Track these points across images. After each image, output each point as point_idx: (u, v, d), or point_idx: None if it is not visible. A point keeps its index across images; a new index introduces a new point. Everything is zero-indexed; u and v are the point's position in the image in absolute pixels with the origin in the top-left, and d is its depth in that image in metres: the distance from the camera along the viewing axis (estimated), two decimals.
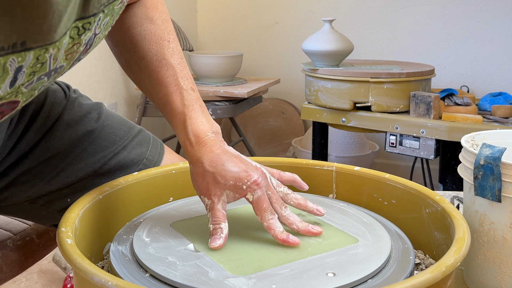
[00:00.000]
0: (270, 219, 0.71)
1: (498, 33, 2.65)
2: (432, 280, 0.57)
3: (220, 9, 3.17)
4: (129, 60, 0.80)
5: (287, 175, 0.78)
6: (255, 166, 0.73)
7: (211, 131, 0.74)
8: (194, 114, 0.75)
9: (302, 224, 0.72)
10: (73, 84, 2.44)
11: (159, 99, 0.77)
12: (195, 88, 0.77)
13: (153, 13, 0.79)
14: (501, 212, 0.77)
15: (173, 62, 0.77)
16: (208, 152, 0.72)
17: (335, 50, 2.20)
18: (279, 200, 0.73)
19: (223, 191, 0.72)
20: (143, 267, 0.66)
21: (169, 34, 0.79)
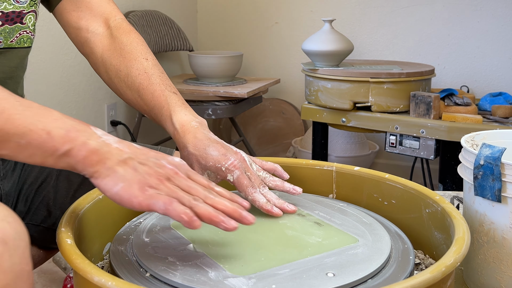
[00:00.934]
0: (253, 192, 0.79)
1: (498, 33, 2.65)
2: (432, 280, 0.57)
3: (220, 9, 3.17)
4: (118, 83, 0.94)
5: (269, 164, 0.86)
6: (234, 151, 0.81)
7: (194, 121, 0.84)
8: (178, 109, 0.86)
9: (278, 201, 0.80)
10: (73, 84, 2.41)
11: (147, 106, 0.90)
12: (177, 93, 0.90)
13: (127, 39, 0.94)
14: (501, 212, 0.77)
15: (153, 74, 0.91)
16: (192, 138, 0.82)
17: (335, 50, 2.20)
18: (257, 180, 0.81)
19: (204, 171, 0.81)
20: (143, 267, 0.66)
21: (146, 54, 0.93)
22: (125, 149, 0.67)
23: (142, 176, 0.65)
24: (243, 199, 0.70)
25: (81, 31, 0.97)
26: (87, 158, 0.64)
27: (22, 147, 0.63)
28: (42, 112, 0.64)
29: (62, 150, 0.63)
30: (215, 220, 0.63)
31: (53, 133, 0.63)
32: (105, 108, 2.43)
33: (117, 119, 2.49)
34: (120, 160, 0.65)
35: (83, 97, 2.29)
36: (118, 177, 0.65)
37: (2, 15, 0.85)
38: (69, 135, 0.64)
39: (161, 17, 2.66)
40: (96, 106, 2.38)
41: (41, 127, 0.63)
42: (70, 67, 2.19)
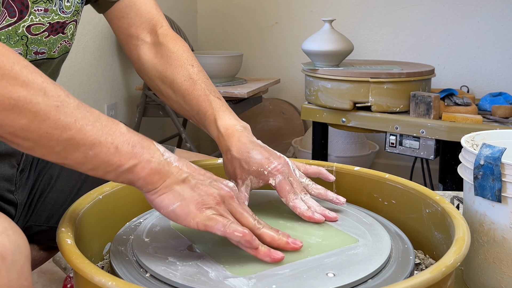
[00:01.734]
0: (295, 199, 0.78)
1: (498, 33, 2.65)
2: (432, 280, 0.57)
3: (220, 9, 3.17)
4: (163, 88, 0.95)
5: (313, 168, 0.85)
6: (278, 156, 0.81)
7: (239, 125, 0.85)
8: (222, 114, 0.86)
9: (320, 208, 0.79)
10: (73, 84, 2.41)
11: (192, 110, 0.91)
12: (221, 98, 0.90)
13: (173, 46, 0.97)
14: (501, 212, 0.77)
15: (198, 80, 0.92)
16: (236, 142, 0.82)
17: (335, 50, 2.20)
18: (299, 186, 0.80)
19: (248, 176, 0.80)
20: (143, 267, 0.66)
21: (192, 61, 0.95)
22: (184, 168, 0.67)
23: (199, 196, 0.65)
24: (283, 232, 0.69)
25: (131, 38, 0.99)
26: (149, 176, 0.64)
27: (88, 158, 0.62)
28: (110, 125, 0.65)
29: (127, 165, 0.64)
30: (261, 253, 0.65)
31: (120, 147, 0.63)
32: (105, 108, 2.43)
33: (117, 119, 2.49)
34: (179, 179, 0.66)
35: (83, 97, 2.29)
36: (175, 195, 0.65)
37: (49, 26, 0.86)
38: (135, 151, 0.64)
39: None
40: (96, 106, 2.38)
41: (110, 141, 0.63)
42: (70, 67, 2.19)
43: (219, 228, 0.64)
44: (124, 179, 0.65)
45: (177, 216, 0.65)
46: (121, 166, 0.63)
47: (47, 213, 0.99)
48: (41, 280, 1.73)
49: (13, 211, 0.92)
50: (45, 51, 0.88)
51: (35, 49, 0.86)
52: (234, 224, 0.64)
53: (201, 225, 0.64)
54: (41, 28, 0.85)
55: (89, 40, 2.28)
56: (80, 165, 0.63)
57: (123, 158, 0.63)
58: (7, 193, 0.91)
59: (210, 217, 0.64)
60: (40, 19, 0.84)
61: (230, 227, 0.64)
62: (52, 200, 0.98)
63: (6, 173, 0.89)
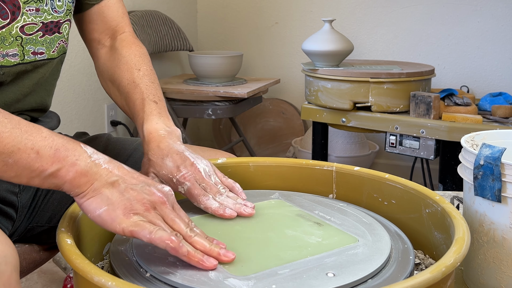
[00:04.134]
0: (205, 200, 0.77)
1: (498, 33, 2.65)
2: (432, 280, 0.57)
3: (220, 9, 3.17)
4: (113, 90, 0.99)
5: (228, 181, 0.83)
6: (191, 163, 0.79)
7: (163, 130, 0.84)
8: (151, 117, 0.86)
9: (235, 206, 0.78)
10: (73, 84, 2.41)
11: (131, 113, 0.92)
12: (158, 102, 0.90)
13: (126, 51, 0.99)
14: (501, 212, 0.77)
15: (140, 84, 0.93)
16: (154, 147, 0.81)
17: (335, 50, 2.20)
18: (213, 188, 0.79)
19: (156, 176, 0.80)
20: (143, 267, 0.66)
21: (140, 65, 0.97)
22: (114, 171, 0.65)
23: (128, 201, 0.64)
24: (219, 242, 0.67)
25: (93, 42, 1.04)
26: (75, 179, 0.63)
27: (8, 166, 0.61)
28: (31, 130, 0.63)
29: (50, 170, 0.62)
30: (193, 260, 0.63)
31: (41, 152, 0.62)
32: (105, 108, 2.43)
33: (117, 119, 2.49)
34: (108, 182, 0.64)
35: (83, 97, 2.29)
36: (103, 199, 0.63)
37: (43, 25, 0.87)
38: (58, 154, 0.62)
39: (161, 17, 2.66)
40: (96, 106, 2.38)
41: (30, 146, 0.62)
42: (70, 67, 2.19)
43: (145, 234, 0.62)
44: (49, 184, 0.63)
45: (103, 221, 0.63)
46: (44, 171, 0.62)
47: (49, 213, 0.99)
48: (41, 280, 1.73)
49: (13, 213, 0.92)
50: (43, 51, 0.88)
51: (32, 49, 0.86)
52: (161, 230, 0.62)
53: (127, 231, 0.63)
54: (35, 28, 0.86)
55: None
56: (3, 173, 0.62)
57: (45, 163, 0.62)
58: (10, 195, 0.90)
59: (137, 223, 0.63)
60: (33, 19, 0.85)
61: (156, 234, 0.62)
62: (56, 201, 0.99)
63: None
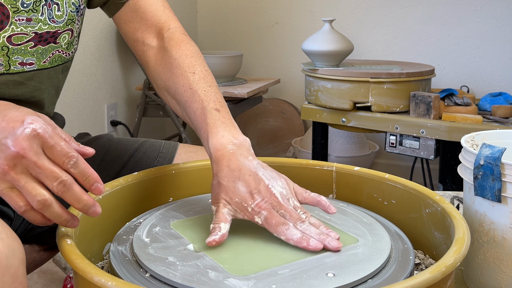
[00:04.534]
0: (285, 229, 0.69)
1: (498, 33, 2.65)
2: (432, 280, 0.57)
3: (220, 9, 3.17)
4: (169, 99, 0.90)
5: (311, 197, 0.75)
6: (265, 185, 0.72)
7: (231, 143, 0.77)
8: (215, 130, 0.78)
9: (319, 237, 0.70)
10: (73, 84, 2.41)
11: (193, 125, 0.84)
12: (220, 109, 0.82)
13: (176, 52, 0.89)
14: (501, 212, 0.77)
15: (198, 90, 0.85)
16: (224, 167, 0.74)
17: (335, 50, 2.20)
18: (293, 215, 0.71)
19: (227, 203, 0.72)
20: (143, 267, 0.66)
21: (194, 67, 0.88)
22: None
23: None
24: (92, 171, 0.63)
25: (138, 43, 0.95)
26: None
27: None
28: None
29: None
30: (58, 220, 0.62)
31: None
32: (105, 108, 2.43)
33: (117, 119, 2.49)
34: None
35: (83, 97, 2.29)
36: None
37: (36, 36, 0.84)
38: None
39: None
40: (96, 106, 2.37)
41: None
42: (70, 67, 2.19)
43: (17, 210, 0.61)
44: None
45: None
46: None
47: None
48: (41, 280, 1.73)
49: (10, 212, 0.92)
50: (33, 62, 0.86)
51: (20, 60, 0.84)
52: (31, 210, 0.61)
53: None
54: (25, 38, 0.83)
55: (89, 40, 2.28)
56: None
57: None
58: None
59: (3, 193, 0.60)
60: (22, 29, 0.82)
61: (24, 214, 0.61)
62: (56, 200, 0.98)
63: None
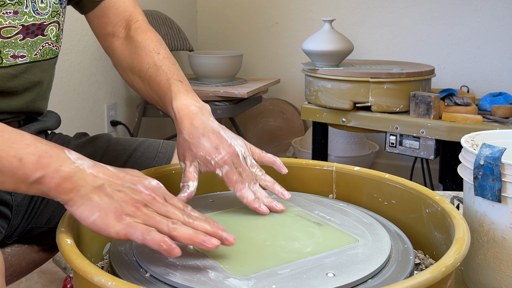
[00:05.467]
0: (242, 188, 0.78)
1: (498, 33, 2.65)
2: (432, 280, 0.57)
3: (220, 9, 3.17)
4: (133, 78, 0.98)
5: (268, 156, 0.85)
6: (228, 144, 0.80)
7: (194, 105, 0.83)
8: (179, 95, 0.86)
9: (267, 199, 0.80)
10: (73, 84, 2.41)
11: (156, 95, 0.92)
12: (183, 81, 0.90)
13: (142, 37, 0.99)
14: (501, 212, 0.77)
15: (162, 66, 0.93)
16: (188, 125, 0.81)
17: (335, 50, 2.20)
18: (249, 176, 0.80)
19: (195, 159, 0.80)
20: (143, 267, 0.66)
21: (158, 49, 0.96)
22: (99, 175, 0.65)
23: (118, 204, 0.63)
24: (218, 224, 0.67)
25: (107, 36, 1.03)
26: (60, 186, 0.62)
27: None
28: (14, 138, 0.63)
29: (34, 177, 0.62)
30: (196, 241, 0.63)
31: (24, 159, 0.62)
32: (105, 108, 2.43)
33: (117, 119, 2.49)
34: (95, 187, 0.63)
35: (83, 97, 2.29)
36: (93, 205, 0.63)
37: (23, 28, 0.86)
38: (41, 161, 0.62)
39: (161, 17, 2.66)
40: (96, 106, 2.38)
41: (12, 154, 0.61)
42: (70, 67, 2.19)
43: (137, 236, 0.62)
44: (36, 190, 0.63)
45: (98, 227, 0.63)
46: (28, 178, 0.62)
47: (49, 214, 0.98)
48: (41, 280, 1.73)
49: (8, 212, 0.92)
50: (25, 54, 0.87)
51: (12, 53, 0.85)
52: (154, 232, 0.62)
53: (122, 234, 0.62)
54: (13, 30, 0.84)
55: (89, 40, 2.28)
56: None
57: (28, 170, 0.62)
58: (3, 193, 0.90)
59: (130, 225, 0.62)
60: (10, 22, 0.84)
61: (149, 235, 0.61)
62: (55, 202, 0.98)
63: None
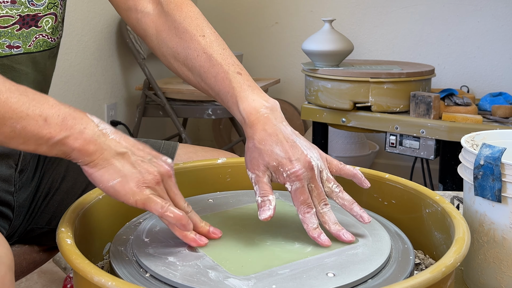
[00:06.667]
0: (306, 212, 0.71)
1: (498, 33, 2.65)
2: (432, 280, 0.57)
3: (220, 9, 3.17)
4: (179, 67, 0.86)
5: (347, 169, 0.76)
6: (304, 155, 0.72)
7: (264, 107, 0.75)
8: (244, 94, 0.76)
9: (335, 226, 0.71)
10: (73, 84, 2.41)
11: (213, 90, 0.81)
12: (242, 72, 0.80)
13: (179, 15, 0.85)
14: (501, 212, 0.77)
15: (213, 53, 0.81)
16: (260, 130, 0.74)
17: (335, 50, 2.20)
18: (321, 195, 0.72)
19: (267, 169, 0.72)
20: (143, 267, 0.66)
21: (202, 30, 0.84)
22: (122, 142, 0.66)
23: (140, 174, 0.65)
24: None
25: (131, 12, 0.90)
26: (83, 147, 0.63)
27: (16, 132, 0.61)
28: (38, 98, 0.63)
29: (58, 137, 0.62)
30: (189, 238, 0.68)
31: (49, 119, 0.62)
32: (105, 108, 2.43)
33: (117, 119, 2.49)
34: (118, 153, 0.65)
35: (83, 97, 2.29)
36: (115, 170, 0.64)
37: (20, 18, 0.85)
38: (66, 122, 0.63)
39: None
40: (96, 106, 2.38)
41: (38, 113, 0.62)
42: (70, 67, 2.19)
43: (157, 209, 0.64)
44: (57, 151, 0.64)
45: (116, 192, 0.64)
46: (52, 138, 0.62)
47: (49, 215, 0.98)
48: (41, 280, 1.73)
49: (10, 213, 0.92)
50: (19, 45, 0.86)
51: (7, 43, 0.85)
52: (172, 206, 0.65)
53: (140, 203, 0.65)
54: (10, 20, 0.84)
55: (89, 40, 2.28)
56: (9, 140, 0.62)
57: (53, 130, 0.62)
58: (5, 194, 0.90)
59: (149, 197, 0.65)
60: (8, 11, 0.83)
61: (167, 209, 0.65)
62: (56, 203, 0.98)
63: (3, 173, 0.89)
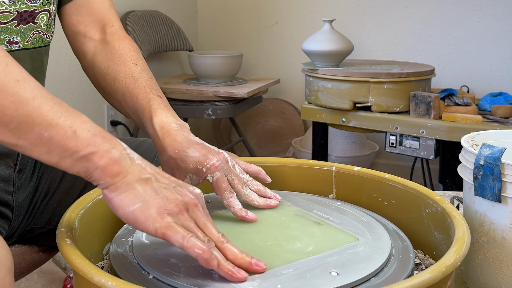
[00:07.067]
0: (230, 197, 0.77)
1: (498, 33, 2.65)
2: (432, 280, 0.57)
3: (220, 9, 3.17)
4: (105, 85, 0.94)
5: (252, 167, 0.84)
6: (217, 152, 0.79)
7: (175, 123, 0.81)
8: (159, 111, 0.83)
9: (261, 199, 0.80)
10: (73, 85, 2.41)
11: (131, 109, 0.89)
12: (162, 96, 0.87)
13: (119, 45, 0.95)
14: (501, 212, 0.77)
15: (140, 78, 0.89)
16: (171, 141, 0.79)
17: (335, 50, 2.20)
18: (240, 181, 0.79)
19: (186, 175, 0.78)
20: (145, 269, 0.65)
21: (136, 60, 0.93)
22: (147, 168, 0.64)
23: (162, 200, 0.61)
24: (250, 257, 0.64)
25: (79, 35, 0.98)
26: (108, 167, 0.61)
27: (43, 140, 0.59)
28: (72, 111, 0.62)
29: (84, 152, 0.60)
30: (224, 270, 0.60)
31: (78, 132, 0.60)
32: (105, 108, 2.43)
33: (117, 119, 2.49)
34: (142, 178, 0.62)
35: (83, 97, 2.29)
36: (136, 195, 0.61)
37: (18, 14, 0.86)
38: (95, 139, 0.61)
39: (161, 17, 2.66)
40: (96, 106, 2.38)
41: (69, 124, 0.60)
42: (70, 67, 2.19)
43: (177, 239, 0.59)
44: (80, 168, 0.61)
45: (136, 218, 0.61)
46: (78, 152, 0.60)
47: (49, 215, 0.98)
48: (41, 280, 1.73)
49: (9, 213, 0.92)
50: (18, 41, 0.87)
51: (7, 39, 0.86)
52: (194, 238, 0.60)
53: (160, 232, 0.60)
54: (9, 16, 0.85)
55: None
56: (34, 146, 0.59)
57: (80, 144, 0.60)
58: (4, 194, 0.90)
59: (171, 226, 0.60)
60: (7, 7, 0.85)
61: (189, 241, 0.59)
62: (55, 203, 0.98)
63: (2, 173, 0.89)
